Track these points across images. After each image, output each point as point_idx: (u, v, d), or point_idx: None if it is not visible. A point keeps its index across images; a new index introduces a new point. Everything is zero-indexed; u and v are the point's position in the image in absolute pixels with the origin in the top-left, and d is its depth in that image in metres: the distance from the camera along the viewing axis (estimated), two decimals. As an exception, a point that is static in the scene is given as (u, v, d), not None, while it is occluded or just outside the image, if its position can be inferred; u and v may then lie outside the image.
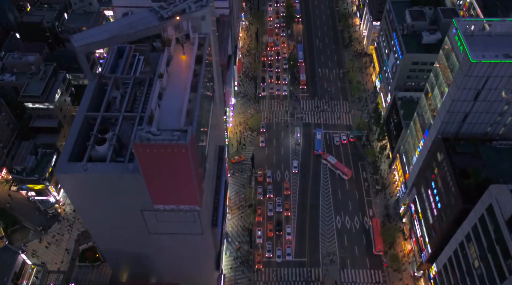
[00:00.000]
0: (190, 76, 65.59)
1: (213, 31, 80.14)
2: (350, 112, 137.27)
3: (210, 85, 74.52)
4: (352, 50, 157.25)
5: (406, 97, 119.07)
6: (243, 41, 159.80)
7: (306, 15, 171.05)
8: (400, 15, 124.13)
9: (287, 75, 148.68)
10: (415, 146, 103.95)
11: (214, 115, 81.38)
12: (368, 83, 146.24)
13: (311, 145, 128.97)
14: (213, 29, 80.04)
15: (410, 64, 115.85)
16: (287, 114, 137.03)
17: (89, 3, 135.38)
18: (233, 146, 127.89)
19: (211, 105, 76.17)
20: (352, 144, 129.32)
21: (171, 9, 70.38)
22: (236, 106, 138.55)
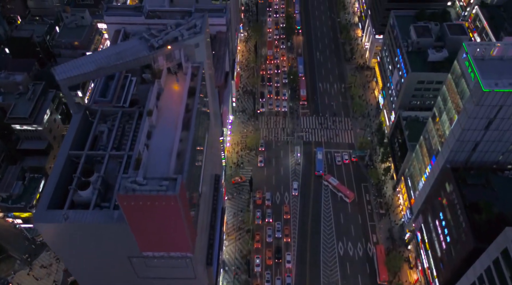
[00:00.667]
0: (182, 111, 60.60)
1: (208, 55, 75.11)
2: (352, 130, 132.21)
3: (204, 117, 69.44)
4: (354, 63, 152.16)
5: (411, 117, 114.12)
6: (241, 54, 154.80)
7: (306, 26, 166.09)
8: (404, 30, 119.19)
9: (287, 90, 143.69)
10: (421, 171, 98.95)
11: (209, 144, 76.40)
12: (370, 98, 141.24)
13: (312, 165, 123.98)
14: (208, 52, 74.97)
15: (416, 83, 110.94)
16: (287, 131, 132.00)
17: (81, 16, 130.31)
18: (231, 167, 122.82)
19: (205, 135, 71.10)
20: (355, 164, 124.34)
21: (162, 37, 65.42)
22: (234, 122, 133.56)
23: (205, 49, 69.34)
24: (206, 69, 71.59)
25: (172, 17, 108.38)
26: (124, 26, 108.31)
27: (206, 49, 71.25)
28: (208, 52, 73.75)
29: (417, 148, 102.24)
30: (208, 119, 73.99)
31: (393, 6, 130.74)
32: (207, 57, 72.61)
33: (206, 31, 69.74)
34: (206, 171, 72.35)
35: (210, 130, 76.19)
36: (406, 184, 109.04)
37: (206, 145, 70.32)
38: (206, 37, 70.85)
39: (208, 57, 74.30)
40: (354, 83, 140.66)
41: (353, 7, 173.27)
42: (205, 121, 70.82)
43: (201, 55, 69.52)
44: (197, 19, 69.51)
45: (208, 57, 73.87)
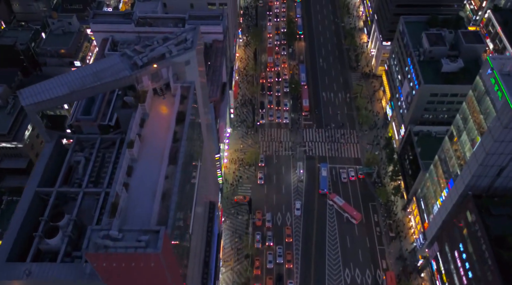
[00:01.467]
0: (169, 141, 51.99)
1: (201, 73, 66.46)
2: (358, 143, 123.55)
3: (195, 143, 60.78)
4: (359, 71, 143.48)
5: (423, 132, 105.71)
6: (240, 61, 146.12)
7: (308, 31, 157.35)
8: (415, 37, 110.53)
9: (288, 100, 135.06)
10: (437, 193, 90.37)
11: (203, 171, 67.76)
12: (377, 108, 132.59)
13: (316, 182, 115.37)
14: (201, 70, 66.35)
15: (428, 95, 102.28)
16: (289, 145, 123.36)
17: (69, 22, 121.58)
18: (229, 186, 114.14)
19: (198, 162, 62.46)
20: (361, 181, 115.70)
21: (147, 54, 56.83)
22: (232, 135, 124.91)
23: (197, 67, 60.73)
24: (198, 89, 63.05)
25: (164, 25, 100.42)
26: (112, 34, 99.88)
27: (198, 65, 62.58)
28: (201, 70, 65.06)
29: (431, 168, 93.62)
30: (201, 144, 65.33)
31: (402, 11, 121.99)
32: (200, 75, 63.97)
33: (199, 46, 61.09)
34: (199, 204, 63.80)
35: (203, 155, 67.59)
36: (419, 205, 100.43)
37: (198, 175, 61.68)
38: (199, 53, 62.20)
39: (201, 75, 65.67)
40: (360, 93, 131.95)
41: (358, 11, 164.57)
42: (197, 148, 62.20)
43: (193, 74, 60.90)
44: (188, 32, 60.88)
45: (201, 75, 65.25)
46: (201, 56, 65.36)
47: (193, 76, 61.03)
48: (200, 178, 62.76)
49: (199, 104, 63.74)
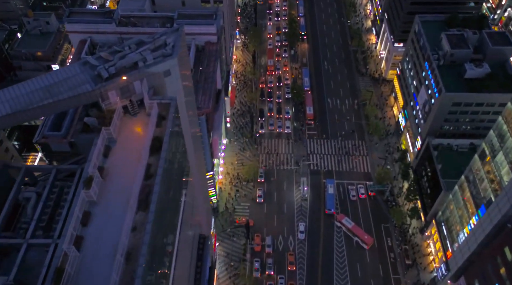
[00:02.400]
0: (139, 178, 39.81)
1: (186, 88, 54.28)
2: (368, 156, 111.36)
3: (176, 174, 48.57)
4: (368, 75, 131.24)
5: (443, 145, 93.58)
6: (237, 64, 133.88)
7: (312, 31, 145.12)
8: (433, 39, 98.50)
9: (290, 107, 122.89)
10: (463, 220, 78.28)
11: (189, 204, 55.64)
12: (387, 115, 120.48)
13: (321, 200, 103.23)
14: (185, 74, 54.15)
15: (450, 105, 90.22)
16: (291, 158, 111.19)
17: (46, 21, 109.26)
18: (224, 205, 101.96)
19: (180, 198, 50.24)
20: (372, 199, 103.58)
21: (115, 63, 44.62)
22: (228, 148, 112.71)
23: (179, 78, 48.49)
24: (182, 103, 50.88)
25: (150, 25, 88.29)
26: (91, 35, 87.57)
27: (182, 71, 50.39)
28: (186, 73, 52.89)
29: (456, 190, 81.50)
30: (187, 171, 53.09)
31: (417, 9, 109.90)
32: (186, 80, 51.79)
33: (182, 51, 48.94)
34: (183, 250, 51.59)
35: (190, 184, 55.41)
36: (439, 230, 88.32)
37: (182, 214, 49.46)
38: (183, 57, 50.01)
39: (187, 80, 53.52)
40: (369, 100, 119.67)
41: (365, 10, 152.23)
42: (181, 178, 49.98)
43: (174, 87, 48.80)
44: (169, 34, 48.71)
45: (186, 80, 53.10)
46: (186, 58, 53.31)
47: (175, 90, 48.93)
48: (185, 217, 50.58)
49: (183, 119, 51.58)
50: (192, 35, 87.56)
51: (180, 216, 48.31)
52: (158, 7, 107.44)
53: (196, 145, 63.43)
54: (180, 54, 48.19)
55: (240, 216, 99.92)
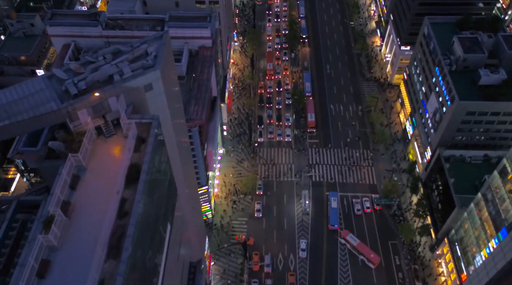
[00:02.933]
0: (111, 217, 33.12)
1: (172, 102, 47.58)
2: (373, 166, 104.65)
3: (158, 208, 41.80)
4: (373, 78, 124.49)
5: (455, 157, 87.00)
6: (235, 68, 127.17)
7: (313, 33, 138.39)
8: (444, 42, 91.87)
9: (291, 113, 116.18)
10: (481, 242, 71.64)
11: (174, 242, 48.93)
12: (393, 121, 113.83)
13: (324, 215, 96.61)
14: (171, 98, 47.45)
15: (464, 114, 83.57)
16: (292, 168, 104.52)
17: (31, 23, 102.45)
18: (219, 221, 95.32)
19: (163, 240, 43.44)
20: (379, 214, 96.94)
21: (86, 76, 37.93)
22: (224, 158, 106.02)
23: (163, 92, 41.73)
24: (167, 124, 44.16)
25: (139, 28, 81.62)
26: (75, 39, 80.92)
27: (168, 91, 43.68)
28: (173, 93, 46.20)
29: (472, 208, 74.85)
30: (172, 202, 46.31)
31: (425, 10, 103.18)
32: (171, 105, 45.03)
33: (167, 61, 42.23)
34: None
35: (178, 214, 48.67)
36: (452, 249, 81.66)
37: (166, 256, 42.64)
38: (168, 71, 43.28)
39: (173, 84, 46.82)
40: (374, 106, 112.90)
41: (369, 10, 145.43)
42: (165, 210, 43.21)
43: (158, 103, 42.12)
44: (151, 42, 41.99)
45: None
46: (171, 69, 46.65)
47: (159, 106, 42.24)
48: (170, 255, 43.77)
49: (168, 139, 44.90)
50: (184, 39, 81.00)
51: (164, 257, 41.59)
52: (150, 8, 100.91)
53: (185, 163, 56.78)
54: (165, 64, 41.44)
55: (237, 233, 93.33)
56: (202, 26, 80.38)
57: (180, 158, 52.58)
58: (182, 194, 51.90)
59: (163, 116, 43.27)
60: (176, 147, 49.34)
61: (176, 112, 48.90)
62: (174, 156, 48.63)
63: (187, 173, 58.82)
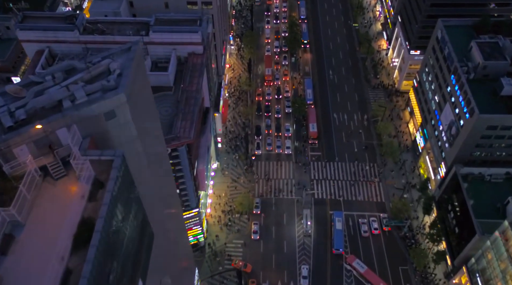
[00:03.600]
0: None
1: (146, 121, 38.79)
2: (381, 182, 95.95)
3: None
4: (378, 84, 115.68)
5: (473, 175, 78.33)
6: (231, 74, 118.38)
7: (315, 36, 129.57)
8: (460, 47, 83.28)
9: (291, 123, 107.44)
10: (508, 276, 62.95)
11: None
12: (401, 130, 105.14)
13: (328, 237, 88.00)
14: (142, 85, 38.62)
15: (484, 128, 74.90)
16: (292, 184, 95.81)
17: (6, 26, 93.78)
18: (213, 243, 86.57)
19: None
20: (387, 235, 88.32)
21: (26, 103, 29.17)
22: (218, 174, 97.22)
23: (130, 120, 32.90)
24: (138, 158, 35.38)
25: (121, 32, 72.84)
26: (49, 44, 72.15)
27: (138, 117, 34.91)
28: (147, 120, 37.39)
29: (496, 237, 66.09)
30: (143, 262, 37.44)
31: (438, 12, 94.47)
32: (143, 134, 36.21)
33: (137, 79, 33.46)
34: None
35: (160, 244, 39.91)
36: (472, 281, 72.86)
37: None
38: (139, 92, 34.53)
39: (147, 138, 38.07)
40: (382, 116, 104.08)
41: (374, 11, 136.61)
42: (129, 280, 34.30)
43: (124, 133, 33.32)
44: (116, 57, 33.20)
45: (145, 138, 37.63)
46: (144, 89, 37.96)
47: (125, 137, 33.40)
48: None
49: (140, 173, 36.16)
50: (172, 45, 72.28)
51: None
52: (137, 10, 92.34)
53: (166, 196, 48.03)
54: (133, 84, 32.72)
55: (233, 257, 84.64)
56: (191, 31, 71.64)
57: (159, 193, 43.87)
58: (161, 235, 43.16)
59: (132, 149, 34.59)
60: (152, 183, 40.55)
61: (152, 140, 40.19)
62: (150, 194, 39.87)
63: (169, 206, 50.14)
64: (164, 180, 47.26)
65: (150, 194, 38.66)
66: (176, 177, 68.10)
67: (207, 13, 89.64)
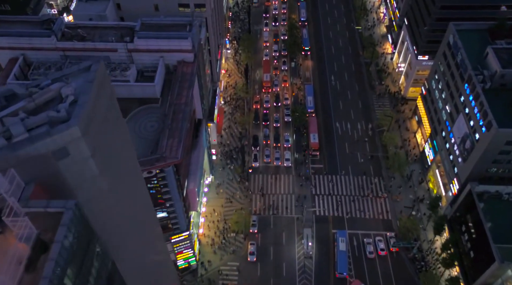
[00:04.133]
0: None
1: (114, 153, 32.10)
2: (387, 198, 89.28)
3: None
4: (383, 91, 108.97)
5: (489, 193, 71.65)
6: (227, 80, 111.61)
7: (316, 39, 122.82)
8: (474, 53, 76.63)
9: (291, 133, 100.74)
10: (532, 313, 56.25)
11: None
12: (408, 139, 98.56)
13: (330, 258, 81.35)
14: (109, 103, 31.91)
15: (503, 144, 68.20)
16: (291, 199, 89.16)
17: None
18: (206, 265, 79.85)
19: None
20: (395, 257, 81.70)
21: None
22: (212, 189, 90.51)
23: (89, 157, 26.17)
24: (103, 203, 28.65)
25: (103, 38, 66.21)
26: (24, 52, 65.49)
27: (101, 152, 28.17)
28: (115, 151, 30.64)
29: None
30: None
31: (449, 15, 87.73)
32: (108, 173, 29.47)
33: (97, 106, 26.73)
34: None
35: None
36: (490, 311, 66.29)
37: None
38: (101, 121, 27.78)
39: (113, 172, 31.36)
40: (388, 127, 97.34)
41: (378, 13, 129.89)
42: None
43: (82, 174, 26.49)
44: (71, 77, 26.40)
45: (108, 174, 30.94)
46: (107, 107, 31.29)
47: (84, 179, 26.62)
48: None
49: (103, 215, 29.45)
50: (159, 52, 65.62)
51: None
52: (125, 13, 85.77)
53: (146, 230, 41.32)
54: (93, 113, 25.99)
55: (227, 282, 77.94)
56: (181, 37, 64.98)
57: (136, 231, 37.16)
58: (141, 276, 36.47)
59: (95, 190, 27.87)
60: (125, 224, 33.85)
61: (123, 173, 33.40)
62: (122, 236, 33.18)
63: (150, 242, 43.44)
64: (142, 214, 40.56)
65: (122, 236, 31.96)
66: (163, 200, 61.52)
67: (200, 16, 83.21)
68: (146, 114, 62.56)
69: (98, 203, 28.11)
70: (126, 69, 63.90)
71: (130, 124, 60.97)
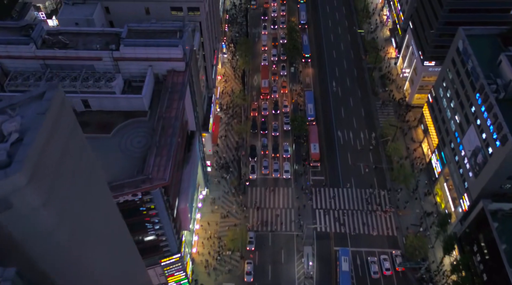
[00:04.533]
0: None
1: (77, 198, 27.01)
2: (393, 213, 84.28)
3: None
4: (388, 99, 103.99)
5: (503, 211, 66.75)
6: (223, 86, 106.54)
7: (316, 43, 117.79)
8: (485, 60, 71.64)
9: (290, 142, 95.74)
10: None
11: None
12: (414, 148, 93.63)
13: (332, 278, 76.38)
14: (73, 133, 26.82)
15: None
16: (291, 216, 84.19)
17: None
18: None
19: None
20: (401, 277, 76.72)
21: None
22: (207, 203, 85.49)
23: (42, 206, 21.14)
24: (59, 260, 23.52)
25: (87, 46, 61.20)
26: (1, 60, 60.50)
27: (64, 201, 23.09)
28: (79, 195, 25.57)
29: (539, 297, 54.47)
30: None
31: (457, 18, 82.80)
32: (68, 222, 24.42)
33: (50, 145, 21.65)
34: None
35: None
36: None
37: None
38: (57, 161, 22.72)
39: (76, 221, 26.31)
40: (393, 137, 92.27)
41: (381, 15, 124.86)
42: None
43: (32, 226, 21.39)
44: (18, 108, 21.30)
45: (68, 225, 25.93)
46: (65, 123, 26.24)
47: (32, 234, 21.57)
48: None
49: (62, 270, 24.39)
50: (148, 61, 60.59)
51: None
52: (114, 17, 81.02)
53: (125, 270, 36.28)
54: (46, 153, 20.96)
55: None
56: (171, 44, 59.93)
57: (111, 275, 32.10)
58: None
59: (50, 245, 22.82)
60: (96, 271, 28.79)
61: (92, 217, 28.23)
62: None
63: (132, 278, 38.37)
64: (120, 257, 35.49)
65: None
66: (151, 222, 56.52)
67: (194, 20, 78.40)
68: (133, 128, 57.56)
69: (58, 259, 23.15)
70: (112, 79, 58.98)
71: (115, 140, 56.07)
